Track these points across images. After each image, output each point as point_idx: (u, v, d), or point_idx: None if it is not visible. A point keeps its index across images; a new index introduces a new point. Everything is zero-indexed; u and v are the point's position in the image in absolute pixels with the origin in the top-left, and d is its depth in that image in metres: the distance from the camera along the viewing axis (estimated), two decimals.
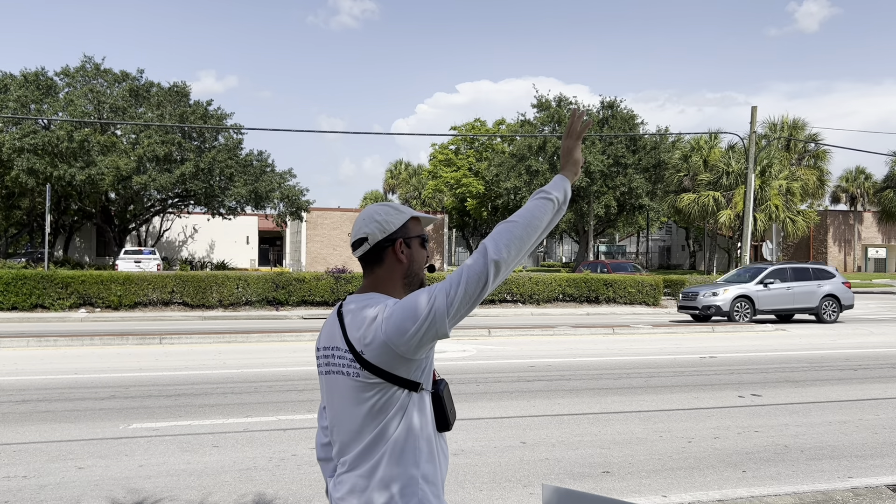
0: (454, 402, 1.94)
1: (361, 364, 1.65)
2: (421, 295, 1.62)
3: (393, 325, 1.61)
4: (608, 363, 10.39)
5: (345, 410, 1.71)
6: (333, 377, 1.74)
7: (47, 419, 6.46)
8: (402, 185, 72.69)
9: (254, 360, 10.45)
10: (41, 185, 29.61)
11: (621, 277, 22.54)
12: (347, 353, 1.68)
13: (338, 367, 1.72)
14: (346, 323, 1.71)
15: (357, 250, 1.79)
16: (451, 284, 1.60)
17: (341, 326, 1.72)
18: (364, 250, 1.78)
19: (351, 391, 1.69)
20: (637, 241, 66.62)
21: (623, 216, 47.65)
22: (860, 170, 56.42)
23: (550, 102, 42.73)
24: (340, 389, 1.72)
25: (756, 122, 26.20)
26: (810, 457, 5.47)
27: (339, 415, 1.73)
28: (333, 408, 1.76)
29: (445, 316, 1.59)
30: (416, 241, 1.80)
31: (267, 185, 33.75)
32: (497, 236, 1.62)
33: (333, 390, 1.75)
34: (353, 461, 1.69)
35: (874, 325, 17.16)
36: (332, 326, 1.76)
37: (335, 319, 1.76)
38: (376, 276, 1.78)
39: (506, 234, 1.62)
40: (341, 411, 1.73)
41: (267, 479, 4.78)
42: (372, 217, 1.77)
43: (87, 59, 33.10)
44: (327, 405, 1.79)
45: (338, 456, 1.75)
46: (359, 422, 1.68)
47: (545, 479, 4.83)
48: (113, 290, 17.96)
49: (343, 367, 1.70)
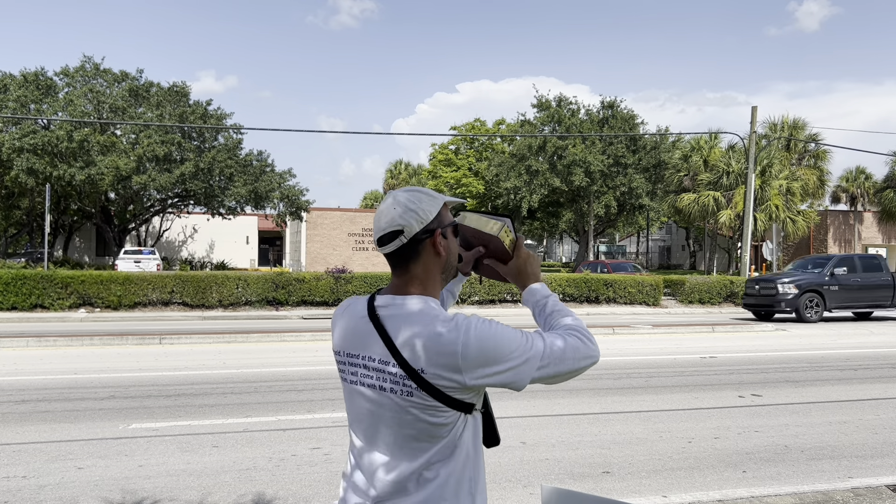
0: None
1: (418, 384, 1.43)
2: (513, 331, 1.47)
3: (477, 354, 1.41)
4: (608, 363, 10.39)
5: (381, 432, 1.50)
6: (364, 390, 1.52)
7: (47, 419, 6.46)
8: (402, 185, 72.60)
9: (254, 360, 10.45)
10: (41, 185, 29.61)
11: (621, 277, 22.54)
12: (395, 368, 1.45)
13: (374, 380, 1.49)
14: (390, 331, 1.47)
15: (389, 245, 1.52)
16: (549, 339, 1.51)
17: (382, 334, 1.48)
18: (398, 245, 1.51)
19: (394, 411, 1.47)
20: (637, 241, 66.62)
21: (623, 216, 47.67)
22: (860, 170, 56.36)
23: (550, 102, 42.71)
24: (376, 407, 1.50)
25: (756, 122, 26.20)
26: (810, 457, 5.47)
27: (357, 423, 1.55)
28: (351, 414, 1.56)
29: (529, 371, 1.47)
30: (451, 230, 1.58)
31: (267, 185, 33.76)
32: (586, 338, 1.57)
33: (362, 406, 1.53)
34: (391, 495, 1.47)
35: (874, 325, 17.15)
36: (364, 331, 1.52)
37: (367, 323, 1.51)
38: (412, 273, 1.53)
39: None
40: (361, 420, 1.54)
41: (267, 479, 4.78)
42: (406, 206, 1.51)
43: (86, 59, 33.13)
44: (354, 422, 1.56)
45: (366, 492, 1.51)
46: (400, 448, 1.48)
47: (545, 479, 4.83)
48: (113, 290, 17.95)
49: (384, 383, 1.47)
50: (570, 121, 41.39)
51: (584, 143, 40.49)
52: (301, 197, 35.51)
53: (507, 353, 1.43)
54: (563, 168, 39.98)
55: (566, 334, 1.55)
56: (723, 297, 23.05)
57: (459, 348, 1.40)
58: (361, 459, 1.54)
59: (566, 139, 40.47)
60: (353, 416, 1.56)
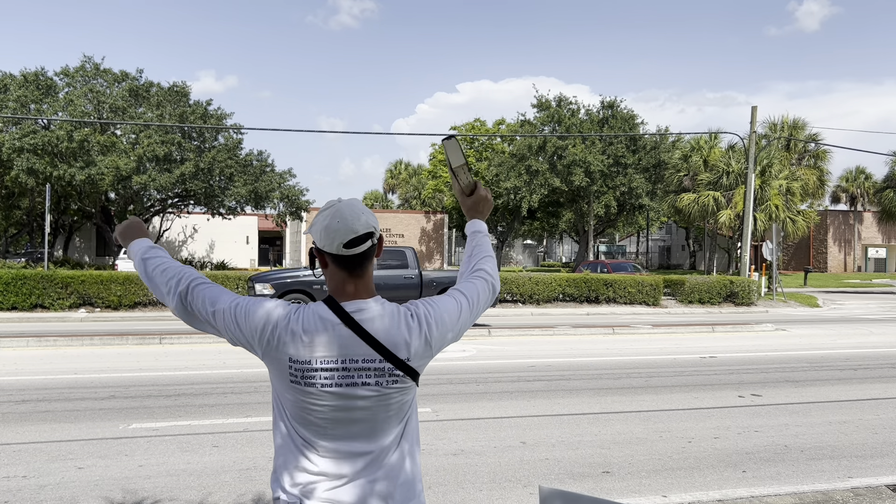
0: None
1: (405, 371, 1.67)
2: (449, 300, 1.81)
3: (439, 332, 1.73)
4: (608, 363, 10.39)
5: (366, 420, 1.68)
6: (352, 390, 1.65)
7: (47, 419, 6.46)
8: (402, 185, 72.67)
9: (254, 359, 10.44)
10: (41, 185, 29.60)
11: (621, 277, 22.53)
12: (383, 363, 1.65)
13: (364, 378, 1.65)
14: (372, 332, 1.65)
15: (361, 245, 1.67)
16: (470, 291, 1.86)
17: (365, 337, 1.65)
18: (369, 245, 1.69)
19: (380, 400, 1.67)
20: (637, 241, 66.61)
21: (623, 216, 47.65)
22: (860, 170, 56.42)
23: (550, 102, 42.68)
24: (364, 401, 1.66)
25: (756, 122, 26.20)
26: (810, 457, 5.47)
27: (355, 425, 1.68)
28: (345, 421, 1.67)
29: (469, 321, 1.83)
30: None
31: (267, 185, 33.75)
32: (493, 267, 1.97)
33: (349, 403, 1.66)
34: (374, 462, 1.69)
35: (874, 325, 17.16)
36: (344, 338, 1.64)
37: (346, 330, 1.65)
38: (367, 272, 1.71)
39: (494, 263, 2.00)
40: (360, 421, 1.68)
41: (267, 479, 4.78)
42: (368, 211, 1.71)
43: (86, 58, 33.09)
44: (331, 421, 1.67)
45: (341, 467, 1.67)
46: (383, 426, 1.70)
47: (545, 479, 4.83)
48: (113, 290, 17.96)
49: (373, 378, 1.65)
50: (570, 121, 41.38)
51: (584, 143, 40.47)
52: (301, 197, 35.51)
53: (454, 321, 1.78)
54: (563, 168, 39.98)
55: (476, 278, 1.92)
56: (723, 297, 23.07)
57: (426, 333, 1.70)
58: (347, 464, 1.67)
59: (566, 139, 40.47)
60: (338, 418, 1.67)
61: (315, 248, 1.71)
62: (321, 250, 1.70)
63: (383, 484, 1.67)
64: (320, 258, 1.72)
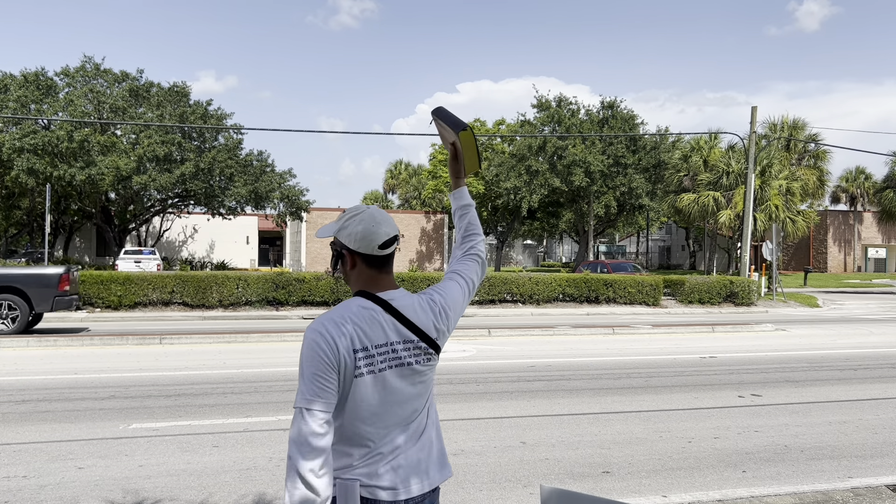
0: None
1: (435, 350, 1.91)
2: (455, 286, 2.06)
3: (453, 314, 1.99)
4: (608, 363, 10.39)
5: (401, 397, 1.86)
6: (397, 371, 1.84)
7: (47, 419, 6.46)
8: (402, 185, 72.63)
9: (254, 360, 10.45)
10: (41, 185, 29.62)
11: (621, 277, 22.53)
12: (421, 343, 1.88)
13: (405, 360, 1.86)
14: (410, 317, 1.88)
15: (392, 246, 1.92)
16: (468, 274, 2.12)
17: (403, 321, 1.86)
18: (396, 245, 1.95)
19: (415, 377, 1.88)
20: (637, 241, 66.62)
21: (623, 216, 47.64)
22: (860, 170, 56.40)
23: (550, 102, 42.66)
24: (403, 379, 1.86)
25: (756, 122, 26.19)
26: (810, 457, 5.47)
27: (394, 406, 1.85)
28: (383, 403, 1.83)
29: (468, 302, 2.12)
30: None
31: (267, 185, 33.76)
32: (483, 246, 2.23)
33: (387, 386, 1.83)
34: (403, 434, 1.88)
35: (874, 325, 17.15)
36: (384, 323, 1.84)
37: (388, 316, 1.85)
38: (392, 269, 1.96)
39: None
40: (400, 402, 1.86)
41: (267, 479, 4.78)
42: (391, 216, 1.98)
43: (87, 59, 33.13)
44: (366, 405, 1.81)
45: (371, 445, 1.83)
46: (420, 400, 1.91)
47: (545, 479, 4.83)
48: (113, 290, 17.95)
49: (412, 357, 1.87)
50: (570, 121, 41.36)
51: (584, 144, 40.46)
52: (301, 197, 35.52)
53: (460, 305, 2.05)
54: (563, 168, 39.97)
55: (471, 260, 2.16)
56: (723, 297, 23.07)
57: (444, 317, 1.96)
58: (400, 436, 1.87)
59: (566, 139, 40.46)
60: (379, 402, 1.82)
61: (347, 250, 1.90)
62: (354, 252, 1.89)
63: (425, 452, 1.90)
64: (351, 259, 1.91)
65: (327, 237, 1.98)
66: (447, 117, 2.21)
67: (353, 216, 1.91)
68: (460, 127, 2.13)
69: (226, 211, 34.89)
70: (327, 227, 1.98)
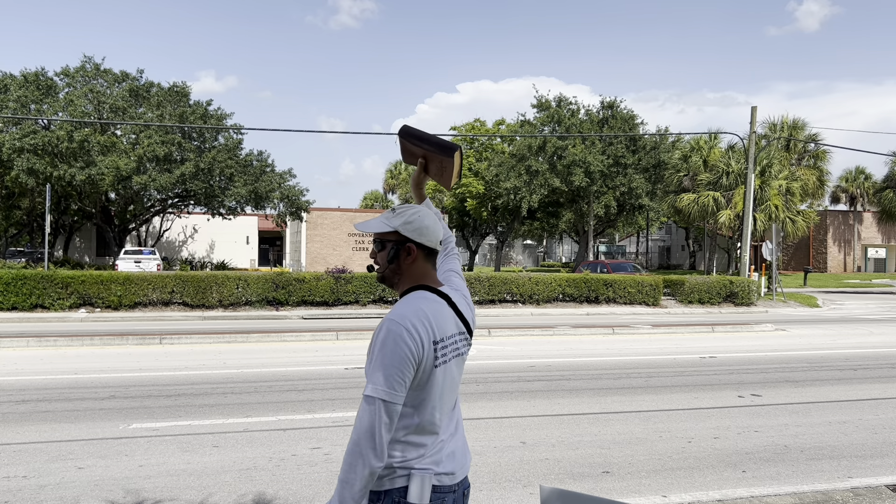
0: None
1: (471, 336, 2.07)
2: (462, 282, 2.21)
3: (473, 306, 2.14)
4: (608, 363, 10.39)
5: (454, 384, 1.99)
6: (455, 361, 1.98)
7: (47, 419, 6.46)
8: (402, 185, 72.68)
9: (254, 360, 10.45)
10: (41, 185, 29.61)
11: (621, 277, 22.53)
12: (465, 333, 2.02)
13: (461, 350, 2.00)
14: (462, 310, 2.02)
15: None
16: (459, 272, 2.29)
17: (457, 313, 2.00)
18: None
19: (462, 365, 2.03)
20: (637, 241, 66.62)
21: (623, 216, 47.59)
22: (860, 170, 56.40)
23: (550, 102, 42.65)
24: (457, 368, 2.00)
25: (756, 122, 26.19)
26: (810, 457, 5.47)
27: (449, 393, 1.97)
28: (445, 391, 1.94)
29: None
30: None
31: (267, 185, 33.73)
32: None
33: (448, 375, 1.95)
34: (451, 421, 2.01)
35: (874, 325, 17.16)
36: (449, 316, 1.96)
37: (447, 308, 1.97)
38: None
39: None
40: (452, 389, 1.99)
41: (267, 479, 4.78)
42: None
43: (87, 59, 33.09)
44: (438, 394, 1.91)
45: (439, 431, 1.95)
46: (458, 389, 2.05)
47: (545, 479, 4.83)
48: (113, 290, 17.95)
49: (464, 347, 2.02)
50: (570, 121, 41.35)
51: (583, 144, 40.45)
52: (301, 197, 35.49)
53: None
54: (563, 168, 39.95)
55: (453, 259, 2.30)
56: (722, 297, 23.07)
57: (472, 308, 2.10)
58: (451, 423, 1.99)
59: (566, 139, 40.45)
60: (443, 390, 1.93)
61: (414, 243, 1.97)
62: (420, 245, 1.98)
63: (462, 436, 2.05)
64: (415, 252, 1.98)
65: (377, 230, 2.00)
66: (425, 139, 2.24)
67: (416, 212, 2.00)
68: (453, 150, 2.17)
69: (226, 211, 34.87)
70: (372, 223, 2.00)
